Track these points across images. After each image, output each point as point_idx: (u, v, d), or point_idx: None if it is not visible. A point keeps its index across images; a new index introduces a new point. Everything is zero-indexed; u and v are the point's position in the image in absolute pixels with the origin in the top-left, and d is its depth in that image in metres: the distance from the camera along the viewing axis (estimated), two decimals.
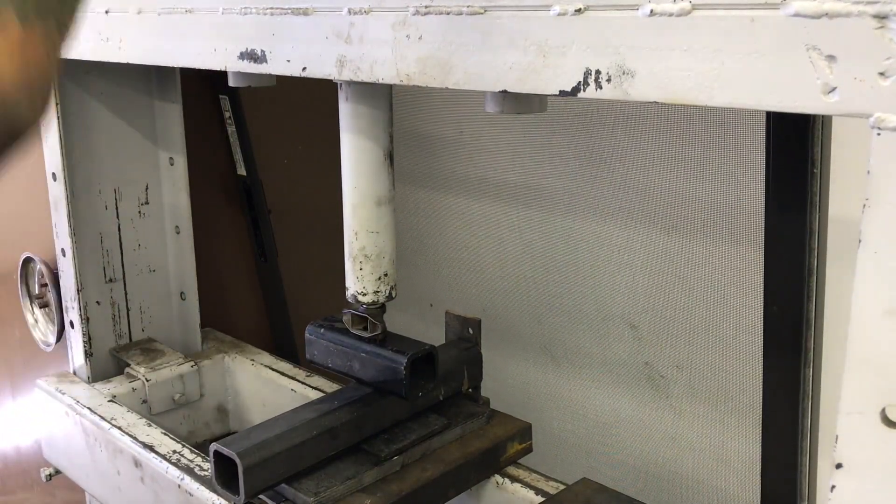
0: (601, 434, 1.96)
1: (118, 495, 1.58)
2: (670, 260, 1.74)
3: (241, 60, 1.17)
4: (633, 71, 0.76)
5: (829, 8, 0.63)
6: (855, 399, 0.66)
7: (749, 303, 1.63)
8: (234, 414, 1.91)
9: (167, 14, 1.28)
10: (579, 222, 1.89)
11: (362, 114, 1.18)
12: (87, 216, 1.75)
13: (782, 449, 1.50)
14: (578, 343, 1.96)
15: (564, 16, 0.80)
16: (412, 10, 0.93)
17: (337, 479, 1.25)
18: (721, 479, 1.75)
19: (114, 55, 1.42)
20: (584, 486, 1.29)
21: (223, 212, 2.14)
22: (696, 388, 1.76)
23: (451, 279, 2.23)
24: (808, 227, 1.38)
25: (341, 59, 1.03)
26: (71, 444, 1.70)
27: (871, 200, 0.63)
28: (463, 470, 1.34)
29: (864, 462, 0.66)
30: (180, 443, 1.50)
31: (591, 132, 1.81)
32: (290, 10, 1.08)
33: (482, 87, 0.89)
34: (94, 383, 1.76)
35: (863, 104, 0.63)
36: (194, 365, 1.82)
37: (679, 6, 0.71)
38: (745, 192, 1.59)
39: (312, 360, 1.40)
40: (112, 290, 1.81)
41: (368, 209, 1.22)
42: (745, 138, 1.57)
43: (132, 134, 1.79)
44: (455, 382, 1.44)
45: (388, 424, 1.35)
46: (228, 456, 1.20)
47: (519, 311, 2.07)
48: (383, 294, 1.27)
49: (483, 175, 2.07)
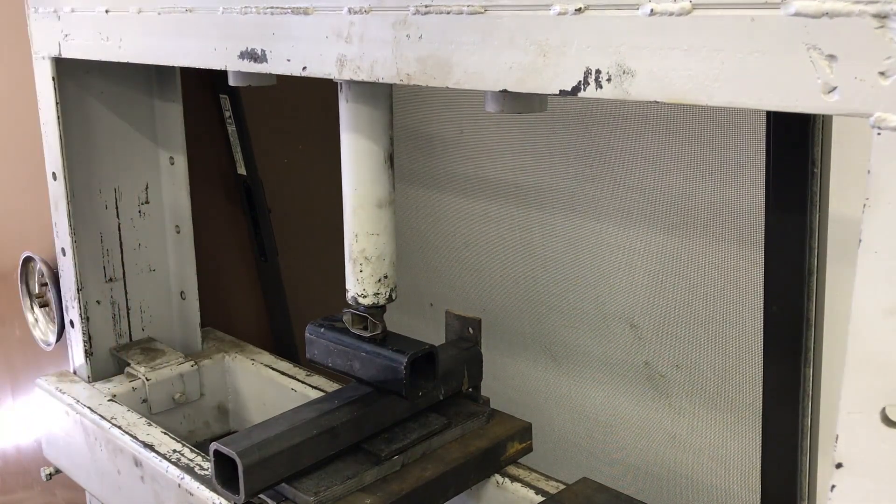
0: (601, 434, 1.96)
1: (118, 494, 1.58)
2: (670, 259, 1.74)
3: (242, 60, 1.17)
4: (633, 70, 0.76)
5: (829, 7, 0.63)
6: (855, 399, 0.66)
7: (749, 303, 1.63)
8: (234, 413, 1.91)
9: (167, 13, 1.28)
10: (579, 222, 1.89)
11: (363, 115, 1.18)
12: (87, 216, 1.75)
13: (782, 449, 1.50)
14: (578, 343, 1.96)
15: (565, 15, 0.80)
16: (412, 10, 0.93)
17: (337, 479, 1.25)
18: (721, 479, 1.75)
19: (114, 54, 1.42)
20: (584, 486, 1.29)
21: (223, 211, 2.14)
22: (696, 387, 1.76)
23: (451, 279, 2.23)
24: (808, 227, 1.38)
25: (341, 58, 1.03)
26: (71, 443, 1.70)
27: (871, 200, 0.63)
28: (463, 469, 1.34)
29: (864, 462, 0.66)
30: (180, 442, 1.50)
31: (591, 132, 1.81)
32: (290, 9, 1.08)
33: (482, 86, 0.89)
34: (94, 382, 1.76)
35: (863, 104, 0.63)
36: (194, 364, 1.82)
37: (679, 6, 0.71)
38: (745, 191, 1.59)
39: (312, 359, 1.40)
40: (112, 289, 1.81)
41: (368, 211, 1.22)
42: (745, 138, 1.57)
43: (132, 133, 1.80)
44: (455, 382, 1.44)
45: (389, 424, 1.35)
46: (228, 455, 1.20)
47: (519, 310, 2.07)
48: (383, 296, 1.27)
49: (483, 175, 2.07)
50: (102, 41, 1.43)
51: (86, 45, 1.49)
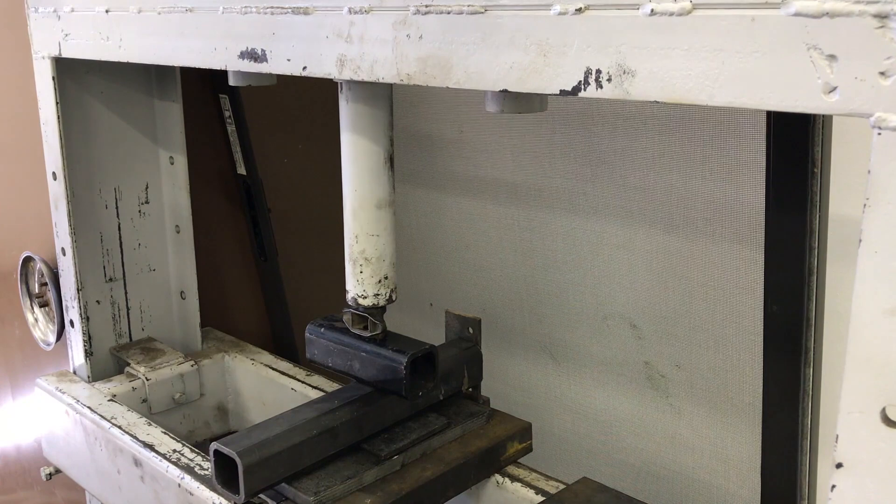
0: (601, 434, 1.96)
1: (118, 494, 1.58)
2: (670, 259, 1.74)
3: (242, 59, 1.17)
4: (633, 70, 0.76)
5: (829, 7, 0.63)
6: (855, 399, 0.66)
7: (749, 303, 1.63)
8: (234, 413, 1.91)
9: (167, 13, 1.28)
10: (579, 222, 1.89)
11: (363, 116, 1.18)
12: (87, 215, 1.75)
13: (782, 449, 1.50)
14: (578, 343, 1.96)
15: (565, 15, 0.80)
16: (412, 10, 0.93)
17: (337, 479, 1.25)
18: (721, 478, 1.75)
19: (114, 54, 1.42)
20: (584, 486, 1.29)
21: (223, 211, 2.14)
22: (696, 387, 1.76)
23: (451, 279, 2.23)
24: (808, 227, 1.38)
25: (341, 58, 1.03)
26: (71, 443, 1.70)
27: (871, 200, 0.63)
28: (463, 469, 1.34)
29: (864, 462, 0.66)
30: (180, 442, 1.50)
31: (591, 132, 1.81)
32: (290, 9, 1.08)
33: (482, 86, 0.89)
34: (94, 382, 1.76)
35: (863, 104, 0.63)
36: (194, 364, 1.82)
37: (679, 6, 0.71)
38: (745, 191, 1.59)
39: (313, 359, 1.40)
40: (112, 289, 1.81)
41: (369, 212, 1.22)
42: (745, 138, 1.57)
43: (132, 133, 1.80)
44: (455, 382, 1.44)
45: (389, 424, 1.35)
46: (228, 455, 1.20)
47: (519, 310, 2.07)
48: (383, 297, 1.27)
49: (483, 175, 2.06)
50: (102, 41, 1.43)
51: (86, 44, 1.49)
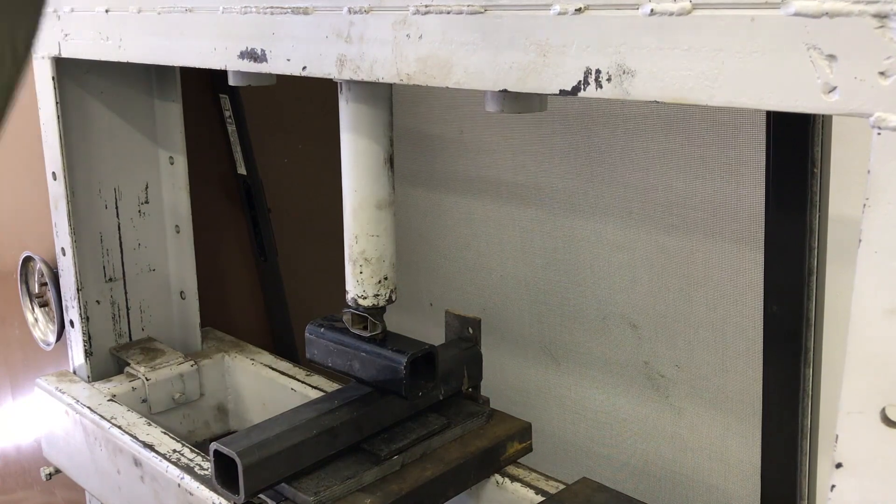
0: (601, 434, 1.96)
1: (118, 494, 1.58)
2: (670, 259, 1.74)
3: (241, 59, 1.17)
4: (633, 70, 0.76)
5: (829, 7, 0.63)
6: (855, 399, 0.66)
7: (749, 303, 1.63)
8: (234, 413, 1.91)
9: (167, 13, 1.28)
10: (580, 222, 1.89)
11: (363, 116, 1.18)
12: (87, 215, 1.75)
13: (782, 449, 1.50)
14: (578, 343, 1.96)
15: (565, 15, 0.80)
16: (412, 10, 0.93)
17: (337, 479, 1.25)
18: (721, 478, 1.75)
19: (114, 54, 1.42)
20: (583, 486, 1.29)
21: (223, 211, 2.14)
22: (696, 387, 1.76)
23: (451, 279, 2.23)
24: (808, 227, 1.38)
25: (341, 58, 1.03)
26: (71, 443, 1.70)
27: (871, 200, 0.63)
28: (463, 469, 1.34)
29: (864, 462, 0.66)
30: (180, 442, 1.50)
31: (591, 132, 1.81)
32: (290, 9, 1.08)
33: (482, 86, 0.89)
34: (93, 382, 1.76)
35: (863, 103, 0.63)
36: (194, 364, 1.82)
37: (679, 6, 0.71)
38: (745, 191, 1.59)
39: (312, 359, 1.40)
40: (112, 289, 1.81)
41: (368, 212, 1.22)
42: (745, 138, 1.57)
43: (132, 133, 1.79)
44: (455, 382, 1.44)
45: (388, 424, 1.35)
46: (228, 455, 1.20)
47: (519, 311, 2.07)
48: (383, 297, 1.27)
49: (483, 175, 2.06)
50: (102, 41, 1.43)
51: (86, 44, 1.49)
